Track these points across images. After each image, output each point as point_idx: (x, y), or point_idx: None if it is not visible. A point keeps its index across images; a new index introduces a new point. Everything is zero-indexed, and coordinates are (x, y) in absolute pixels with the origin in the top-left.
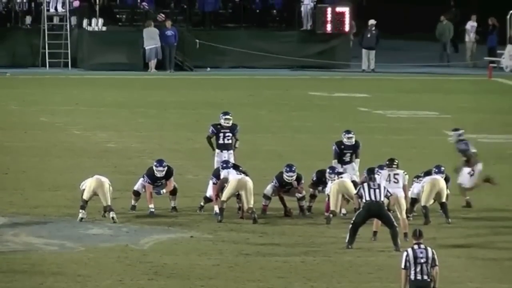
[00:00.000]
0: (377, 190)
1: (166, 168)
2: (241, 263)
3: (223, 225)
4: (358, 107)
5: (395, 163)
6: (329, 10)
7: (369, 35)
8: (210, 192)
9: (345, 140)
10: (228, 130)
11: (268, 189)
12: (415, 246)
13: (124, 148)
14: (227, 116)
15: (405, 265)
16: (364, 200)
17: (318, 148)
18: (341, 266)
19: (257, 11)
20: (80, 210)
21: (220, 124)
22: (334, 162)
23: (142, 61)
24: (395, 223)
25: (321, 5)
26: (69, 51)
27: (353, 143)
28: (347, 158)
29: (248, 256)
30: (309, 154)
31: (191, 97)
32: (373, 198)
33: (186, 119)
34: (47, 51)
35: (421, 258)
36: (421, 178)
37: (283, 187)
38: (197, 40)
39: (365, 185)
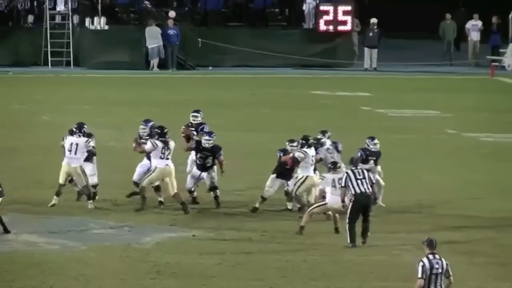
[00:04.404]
0: (363, 181)
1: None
2: (243, 262)
3: (225, 224)
4: (360, 106)
5: (338, 166)
6: (331, 8)
7: (371, 34)
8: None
9: (371, 146)
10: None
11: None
12: (430, 256)
13: (125, 147)
14: (195, 114)
15: (422, 275)
16: (352, 192)
17: None
18: (343, 265)
19: (259, 9)
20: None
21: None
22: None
23: (144, 60)
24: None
25: (324, 3)
26: (71, 50)
27: (378, 149)
28: (370, 165)
29: (250, 254)
30: None
31: (193, 96)
32: (362, 190)
33: (188, 118)
34: (49, 50)
35: (437, 268)
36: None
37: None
38: (199, 39)
39: (351, 176)
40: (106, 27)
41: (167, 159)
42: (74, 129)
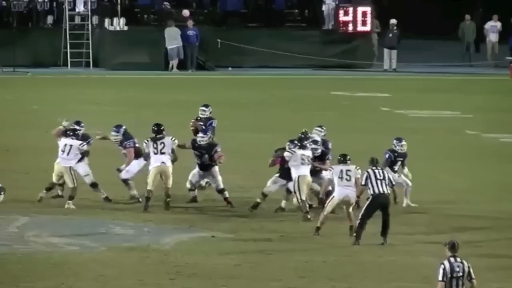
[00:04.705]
0: (383, 182)
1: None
2: (262, 263)
3: (244, 225)
4: (380, 106)
5: (348, 158)
6: (351, 9)
7: (390, 35)
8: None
9: (398, 148)
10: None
11: None
12: (452, 259)
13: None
14: (203, 108)
15: (443, 278)
16: (371, 192)
17: (339, 148)
18: (362, 265)
19: (279, 10)
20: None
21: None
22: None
23: (164, 61)
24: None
25: (343, 4)
26: (90, 50)
27: (405, 151)
28: (397, 167)
29: (269, 255)
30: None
31: (212, 96)
32: (381, 190)
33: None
34: (68, 50)
35: (458, 272)
36: None
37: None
38: (219, 40)
39: (372, 175)
40: (126, 28)
41: (162, 153)
42: (68, 132)
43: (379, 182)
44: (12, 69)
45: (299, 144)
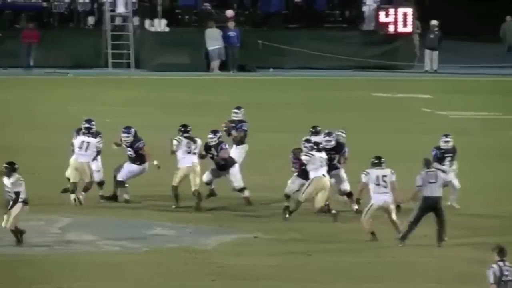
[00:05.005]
0: (435, 185)
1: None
2: (302, 264)
3: (287, 226)
4: (421, 108)
5: (382, 161)
6: (392, 10)
7: (431, 36)
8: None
9: (443, 144)
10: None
11: None
12: (501, 263)
13: None
14: (236, 110)
15: (495, 281)
16: (423, 195)
17: (380, 149)
18: (398, 266)
19: (320, 11)
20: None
21: None
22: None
23: (205, 62)
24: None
25: (384, 5)
26: (131, 51)
27: (451, 147)
28: (446, 164)
29: (309, 256)
30: (371, 155)
31: (253, 97)
32: (434, 194)
33: (248, 119)
34: (110, 51)
35: (507, 275)
36: None
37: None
38: (260, 41)
39: (425, 178)
40: (167, 29)
41: (194, 154)
42: (84, 130)
43: (432, 185)
44: (53, 70)
45: (316, 146)
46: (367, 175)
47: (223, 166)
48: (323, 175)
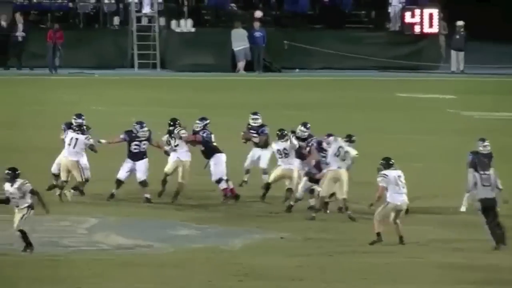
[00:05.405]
0: (489, 188)
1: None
2: (328, 264)
3: (313, 226)
4: (447, 108)
5: (391, 162)
6: (417, 11)
7: (457, 37)
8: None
9: (480, 148)
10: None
11: None
12: None
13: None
14: (255, 116)
15: None
16: (478, 197)
17: (405, 150)
18: (425, 267)
19: (346, 12)
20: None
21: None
22: (470, 171)
23: (231, 62)
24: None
25: (410, 6)
26: (157, 52)
27: (489, 151)
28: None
29: (335, 257)
30: (396, 156)
31: (279, 98)
32: (486, 196)
33: (273, 120)
34: (135, 52)
35: None
36: None
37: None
38: (286, 41)
39: (479, 181)
40: (193, 30)
41: (174, 150)
42: (74, 126)
43: (485, 188)
44: (79, 70)
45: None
46: (386, 178)
47: (207, 154)
48: (338, 167)
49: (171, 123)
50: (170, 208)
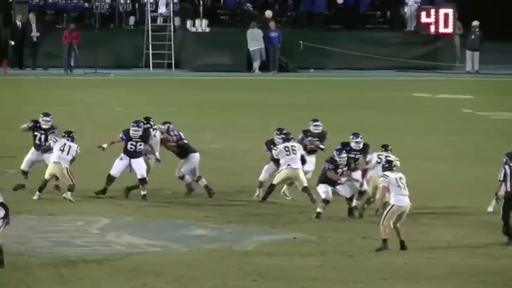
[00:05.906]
0: None
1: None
2: (344, 264)
3: (327, 226)
4: (462, 108)
5: (393, 164)
6: (433, 11)
7: (473, 37)
8: None
9: None
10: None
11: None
12: None
13: (227, 149)
14: (317, 123)
15: None
16: (506, 190)
17: (422, 150)
18: (445, 267)
19: (361, 12)
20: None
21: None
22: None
23: (246, 62)
24: None
25: (425, 6)
26: (172, 52)
27: None
28: None
29: (351, 257)
30: (413, 156)
31: (294, 98)
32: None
33: (289, 120)
34: (151, 52)
35: None
36: None
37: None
38: (301, 42)
39: (508, 173)
40: (208, 30)
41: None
42: (64, 134)
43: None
44: (94, 70)
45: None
46: (386, 178)
47: (181, 154)
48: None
49: (145, 122)
50: (185, 208)
